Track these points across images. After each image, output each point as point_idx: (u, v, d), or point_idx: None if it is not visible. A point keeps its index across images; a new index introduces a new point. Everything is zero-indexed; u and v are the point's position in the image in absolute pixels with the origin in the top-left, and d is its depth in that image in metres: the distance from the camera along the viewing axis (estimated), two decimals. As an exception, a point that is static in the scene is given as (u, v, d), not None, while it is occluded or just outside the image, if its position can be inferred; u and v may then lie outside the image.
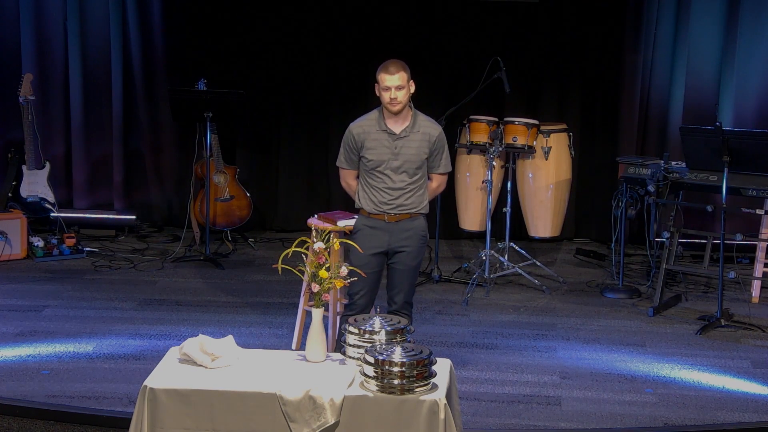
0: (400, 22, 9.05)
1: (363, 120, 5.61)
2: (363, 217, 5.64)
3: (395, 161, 5.52)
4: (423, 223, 5.65)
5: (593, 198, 9.12)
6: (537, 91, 9.14)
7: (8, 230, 8.30)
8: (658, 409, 5.72)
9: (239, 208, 8.86)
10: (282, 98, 9.24)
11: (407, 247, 5.58)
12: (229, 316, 7.14)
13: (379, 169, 5.54)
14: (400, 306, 5.62)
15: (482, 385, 6.00)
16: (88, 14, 9.17)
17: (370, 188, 5.59)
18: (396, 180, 5.54)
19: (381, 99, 5.50)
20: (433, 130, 5.59)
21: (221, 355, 4.55)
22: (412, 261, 5.63)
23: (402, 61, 5.52)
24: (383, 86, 5.46)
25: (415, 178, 5.57)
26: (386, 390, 4.27)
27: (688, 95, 8.78)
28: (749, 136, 7.02)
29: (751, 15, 8.59)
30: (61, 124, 9.31)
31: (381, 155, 5.52)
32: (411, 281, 5.67)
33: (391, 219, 5.57)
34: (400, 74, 5.45)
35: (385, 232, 5.55)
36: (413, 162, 5.54)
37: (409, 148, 5.53)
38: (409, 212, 5.59)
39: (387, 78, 5.45)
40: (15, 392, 5.70)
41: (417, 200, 5.60)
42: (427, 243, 5.73)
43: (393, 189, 5.55)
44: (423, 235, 5.64)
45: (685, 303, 7.59)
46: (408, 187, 5.57)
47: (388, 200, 5.56)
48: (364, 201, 5.62)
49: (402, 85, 5.45)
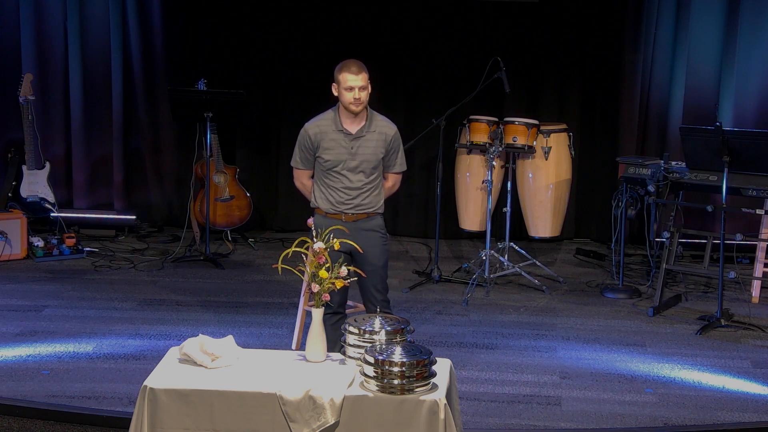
0: (400, 23, 9.05)
1: (319, 120, 5.61)
2: (320, 217, 5.62)
3: (352, 161, 5.53)
4: (381, 221, 5.67)
5: (593, 198, 9.12)
6: (537, 91, 9.14)
7: (8, 230, 8.31)
8: (658, 409, 5.72)
9: (239, 208, 8.86)
10: (282, 98, 9.25)
11: (370, 247, 5.55)
12: (229, 316, 7.14)
13: (336, 169, 5.55)
14: (379, 303, 5.59)
15: (482, 385, 6.00)
16: (88, 14, 9.17)
17: (327, 188, 5.59)
18: (353, 180, 5.55)
19: (341, 99, 5.49)
20: (389, 129, 5.60)
21: (221, 355, 4.55)
22: (379, 260, 5.62)
23: (360, 61, 5.53)
24: (346, 86, 5.45)
25: (372, 178, 5.59)
26: (386, 390, 4.27)
27: (688, 95, 8.78)
28: (749, 136, 7.02)
29: (751, 15, 8.59)
30: (61, 124, 9.31)
31: (338, 155, 5.53)
32: (383, 281, 5.67)
33: (348, 219, 5.58)
34: (362, 74, 5.46)
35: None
36: (370, 162, 5.55)
37: (366, 147, 5.54)
38: (366, 212, 5.61)
39: (350, 78, 5.45)
40: (15, 392, 5.70)
41: (374, 200, 5.62)
42: (388, 240, 5.72)
43: (350, 189, 5.56)
44: (383, 233, 5.66)
45: (685, 303, 7.59)
46: (365, 187, 5.58)
47: (346, 200, 5.57)
48: (321, 201, 5.63)
49: (364, 85, 5.47)
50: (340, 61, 5.59)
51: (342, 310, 5.67)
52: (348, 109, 5.49)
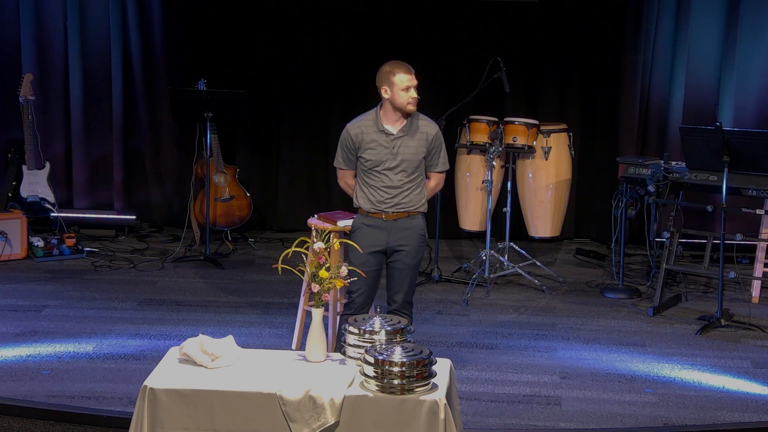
0: (400, 23, 9.04)
1: (360, 120, 5.62)
2: (361, 216, 5.64)
3: (393, 161, 5.53)
4: (421, 222, 5.65)
5: (593, 198, 9.12)
6: (537, 91, 9.14)
7: (8, 230, 8.31)
8: (658, 409, 5.72)
9: (239, 208, 8.86)
10: (282, 98, 9.24)
11: (406, 246, 5.58)
12: (229, 316, 7.14)
13: (377, 169, 5.55)
14: (400, 305, 5.62)
15: (482, 385, 6.00)
16: (88, 14, 9.17)
17: (368, 187, 5.59)
18: (394, 179, 5.55)
19: (397, 100, 5.47)
20: (430, 129, 5.60)
21: (221, 355, 4.55)
22: (411, 260, 5.63)
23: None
24: (402, 87, 5.46)
25: (413, 177, 5.58)
26: (386, 390, 4.27)
27: (688, 95, 8.78)
28: (749, 136, 7.02)
29: (751, 15, 8.59)
30: (61, 124, 9.31)
31: (379, 155, 5.53)
32: (411, 281, 5.66)
33: (389, 217, 5.58)
34: (413, 73, 5.50)
35: (384, 230, 5.55)
36: (411, 161, 5.55)
37: (408, 147, 5.53)
38: (407, 210, 5.59)
39: (407, 78, 5.47)
40: (15, 392, 5.70)
41: (415, 199, 5.61)
42: (426, 242, 5.72)
43: (391, 188, 5.55)
44: (422, 234, 5.64)
45: (685, 303, 7.59)
46: (406, 186, 5.57)
47: (386, 199, 5.56)
48: (362, 200, 5.63)
49: (417, 84, 5.49)
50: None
51: (365, 311, 5.63)
52: (405, 109, 5.48)
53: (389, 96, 5.49)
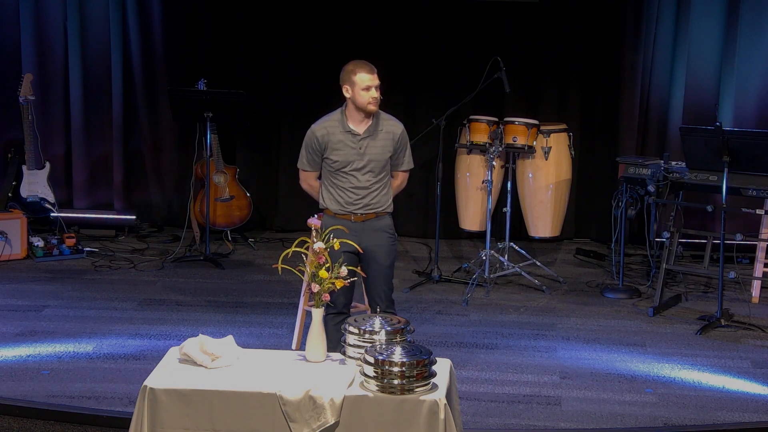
0: (400, 23, 9.04)
1: (325, 121, 5.60)
2: (329, 218, 5.61)
3: (361, 161, 5.51)
4: (389, 221, 5.65)
5: (593, 198, 9.12)
6: (537, 91, 9.14)
7: (8, 230, 8.31)
8: (658, 409, 5.72)
9: (239, 208, 8.86)
10: (282, 98, 9.24)
11: (377, 248, 5.56)
12: (229, 316, 7.14)
13: (344, 170, 5.53)
14: (385, 307, 5.58)
15: (482, 385, 6.00)
16: (88, 14, 9.17)
17: (336, 188, 5.57)
18: (362, 179, 5.53)
19: (358, 100, 5.46)
20: (396, 128, 5.60)
21: (221, 355, 4.55)
22: (386, 260, 5.60)
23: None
24: (363, 86, 5.45)
25: (380, 177, 5.57)
26: (386, 390, 4.27)
27: (688, 95, 8.78)
28: (749, 136, 7.02)
29: (751, 15, 8.59)
30: (61, 124, 9.31)
31: (347, 156, 5.51)
32: (388, 281, 5.65)
33: (357, 219, 5.56)
34: (376, 73, 5.48)
35: (353, 232, 5.48)
36: (378, 161, 5.54)
37: (374, 147, 5.53)
38: (375, 211, 5.58)
39: (368, 78, 5.45)
40: (15, 392, 5.70)
41: (383, 199, 5.60)
42: (397, 240, 5.70)
43: (359, 188, 5.54)
44: (391, 233, 5.63)
45: (685, 303, 7.59)
46: (374, 186, 5.56)
47: (355, 200, 5.55)
48: (330, 201, 5.60)
49: (379, 84, 5.47)
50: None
51: (347, 311, 5.65)
52: (366, 109, 5.47)
53: (350, 95, 5.48)
